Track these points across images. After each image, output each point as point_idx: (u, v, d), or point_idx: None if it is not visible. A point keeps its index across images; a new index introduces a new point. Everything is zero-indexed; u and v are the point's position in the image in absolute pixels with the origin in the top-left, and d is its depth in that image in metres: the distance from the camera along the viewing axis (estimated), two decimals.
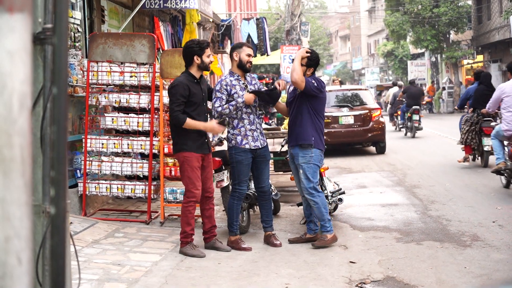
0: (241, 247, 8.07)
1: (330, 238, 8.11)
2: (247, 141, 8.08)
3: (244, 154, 8.07)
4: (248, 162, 8.12)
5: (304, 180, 8.12)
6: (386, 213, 10.19)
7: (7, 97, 1.93)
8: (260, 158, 8.26)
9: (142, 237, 8.53)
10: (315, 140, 8.11)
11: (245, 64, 8.16)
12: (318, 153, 8.17)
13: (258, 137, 8.19)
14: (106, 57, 9.38)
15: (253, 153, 8.15)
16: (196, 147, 7.80)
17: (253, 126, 8.16)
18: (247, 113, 8.13)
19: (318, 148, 8.16)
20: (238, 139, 8.08)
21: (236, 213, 8.20)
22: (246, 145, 8.07)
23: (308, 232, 8.40)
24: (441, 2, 41.79)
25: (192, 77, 7.86)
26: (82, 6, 11.25)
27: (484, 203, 10.46)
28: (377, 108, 19.36)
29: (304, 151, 8.12)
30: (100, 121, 9.68)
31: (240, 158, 8.07)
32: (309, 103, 8.12)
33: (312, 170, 8.13)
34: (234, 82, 8.12)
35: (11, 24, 1.93)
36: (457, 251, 7.71)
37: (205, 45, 7.89)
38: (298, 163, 8.14)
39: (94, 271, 6.83)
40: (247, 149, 8.08)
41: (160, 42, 15.41)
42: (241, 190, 8.15)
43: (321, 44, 70.45)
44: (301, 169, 8.12)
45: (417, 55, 59.40)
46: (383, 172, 15.03)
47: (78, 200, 9.48)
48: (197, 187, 7.78)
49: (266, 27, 27.71)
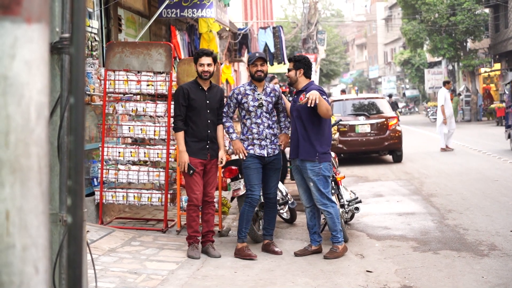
0: (247, 253, 8.09)
1: (341, 249, 8.08)
2: (253, 148, 8.17)
3: (251, 159, 8.16)
4: (256, 167, 8.17)
5: (316, 193, 8.07)
6: (403, 222, 10.15)
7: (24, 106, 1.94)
8: (270, 166, 8.32)
9: (159, 245, 8.54)
10: (320, 156, 8.04)
11: (254, 74, 8.25)
12: (326, 164, 8.14)
13: (267, 146, 8.22)
14: (123, 66, 9.41)
15: (260, 159, 8.19)
16: (194, 152, 8.04)
17: (261, 135, 8.22)
18: (257, 123, 8.20)
19: (326, 161, 8.14)
20: (245, 145, 8.20)
21: (247, 220, 8.21)
22: (251, 150, 8.16)
23: (313, 244, 8.33)
24: (458, 11, 41.64)
25: (197, 84, 8.18)
26: (99, 15, 11.32)
27: (502, 212, 10.39)
28: (394, 116, 19.30)
29: (312, 164, 8.05)
30: (117, 130, 9.72)
31: (247, 163, 8.17)
32: (315, 115, 8.04)
33: (323, 182, 8.07)
34: (248, 91, 8.23)
35: (29, 34, 1.95)
36: (474, 261, 7.66)
37: (199, 53, 8.19)
38: (308, 176, 8.07)
39: (110, 280, 6.85)
40: (252, 154, 8.15)
41: (177, 51, 15.46)
42: (252, 195, 8.16)
43: (338, 52, 70.37)
44: (311, 182, 8.07)
45: (434, 64, 59.29)
46: (400, 181, 14.97)
47: (95, 209, 9.51)
48: (195, 191, 8.03)
49: (282, 35, 27.75)
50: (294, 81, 8.27)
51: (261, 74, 8.22)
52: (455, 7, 41.79)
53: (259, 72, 8.21)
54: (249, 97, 8.18)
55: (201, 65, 8.06)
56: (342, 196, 9.16)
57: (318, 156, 8.02)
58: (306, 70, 8.26)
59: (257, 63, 8.21)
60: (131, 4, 13.30)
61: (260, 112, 8.20)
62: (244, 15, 31.33)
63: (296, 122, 8.18)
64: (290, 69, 8.27)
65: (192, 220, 8.10)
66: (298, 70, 8.22)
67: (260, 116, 8.19)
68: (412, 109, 63.18)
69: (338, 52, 70.55)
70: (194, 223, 8.10)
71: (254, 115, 8.17)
